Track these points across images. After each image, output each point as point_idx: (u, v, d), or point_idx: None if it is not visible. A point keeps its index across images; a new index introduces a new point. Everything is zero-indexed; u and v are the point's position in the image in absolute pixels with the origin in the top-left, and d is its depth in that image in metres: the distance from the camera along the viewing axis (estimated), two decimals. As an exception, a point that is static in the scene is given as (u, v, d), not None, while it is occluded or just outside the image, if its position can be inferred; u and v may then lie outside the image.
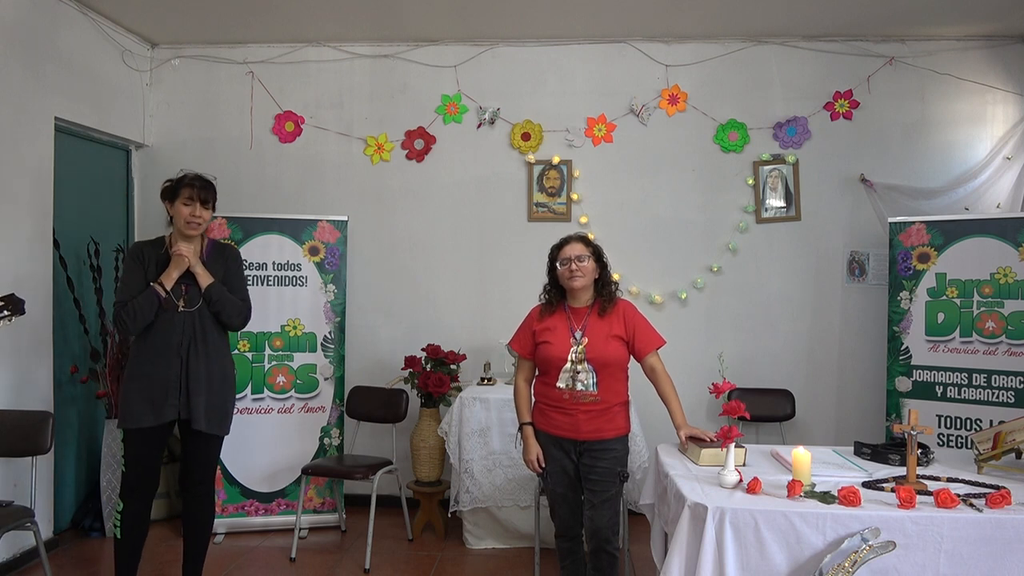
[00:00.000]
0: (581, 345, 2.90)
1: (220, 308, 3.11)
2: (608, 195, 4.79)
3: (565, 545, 3.09)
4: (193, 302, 3.08)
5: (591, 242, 3.03)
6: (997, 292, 4.05)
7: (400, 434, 4.53)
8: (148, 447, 3.08)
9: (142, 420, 3.01)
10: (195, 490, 3.21)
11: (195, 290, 3.09)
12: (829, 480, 2.52)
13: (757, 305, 4.74)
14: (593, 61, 4.81)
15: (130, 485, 3.08)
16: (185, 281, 3.08)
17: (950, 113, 4.66)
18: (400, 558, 4.02)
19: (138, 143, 4.90)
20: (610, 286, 3.03)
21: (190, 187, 3.07)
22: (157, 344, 3.04)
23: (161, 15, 4.47)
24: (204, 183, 3.11)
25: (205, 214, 3.09)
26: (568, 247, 2.98)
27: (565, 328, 2.96)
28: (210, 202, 3.11)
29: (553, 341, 2.95)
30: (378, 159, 4.91)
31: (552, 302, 3.05)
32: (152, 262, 3.09)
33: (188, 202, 3.06)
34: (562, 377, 2.91)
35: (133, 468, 3.07)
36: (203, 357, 3.08)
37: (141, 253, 3.12)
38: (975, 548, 2.17)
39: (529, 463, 3.03)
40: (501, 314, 4.72)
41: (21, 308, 2.80)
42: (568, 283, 2.95)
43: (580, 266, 2.92)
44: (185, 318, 3.06)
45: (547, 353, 2.95)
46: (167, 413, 3.03)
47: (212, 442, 3.18)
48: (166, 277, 3.04)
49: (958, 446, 4.04)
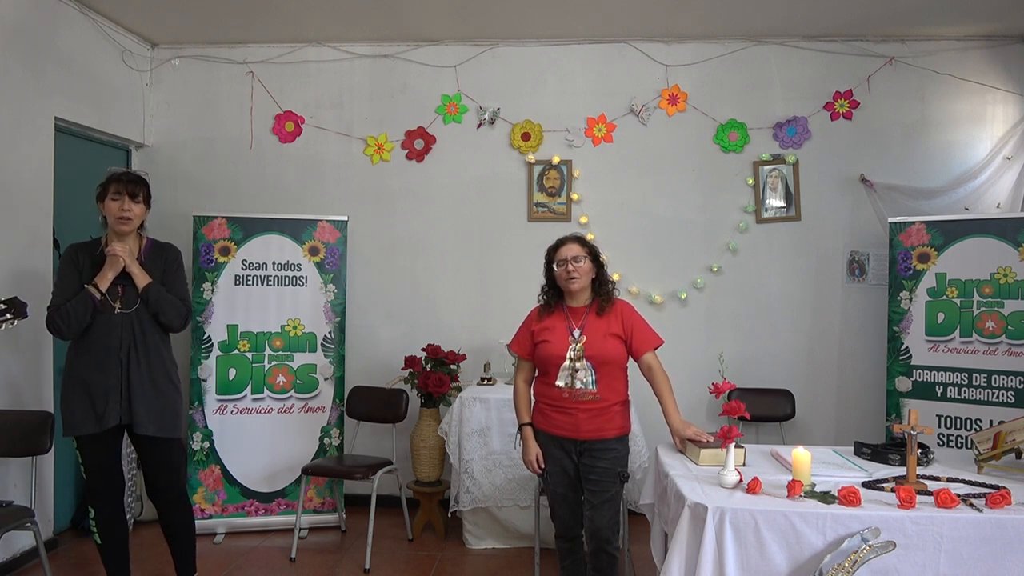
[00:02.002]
0: (579, 343, 2.91)
1: (158, 309, 3.04)
2: (608, 195, 4.79)
3: (565, 545, 3.09)
4: (130, 303, 3.02)
5: (587, 242, 3.03)
6: (997, 292, 4.04)
7: (400, 434, 4.53)
8: (103, 452, 3.04)
9: (84, 427, 2.96)
10: (164, 496, 3.16)
11: (132, 291, 3.02)
12: (829, 480, 2.52)
13: (757, 305, 4.74)
14: (593, 61, 4.81)
15: (94, 490, 3.06)
16: (122, 282, 3.02)
17: (950, 113, 4.66)
18: (400, 558, 4.02)
19: (138, 143, 4.90)
20: (607, 285, 3.03)
21: (117, 182, 3.01)
22: (95, 348, 2.98)
23: (161, 15, 4.47)
24: (132, 177, 3.04)
25: (136, 208, 3.01)
26: (564, 248, 2.98)
27: (563, 327, 2.97)
28: (139, 195, 3.03)
29: (552, 340, 2.95)
30: (378, 159, 4.91)
31: (550, 303, 3.05)
32: (87, 264, 3.03)
33: (116, 196, 2.99)
34: (561, 375, 2.91)
35: (92, 474, 3.04)
36: (143, 359, 3.02)
37: (76, 255, 3.07)
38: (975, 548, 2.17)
39: (528, 464, 3.03)
40: (501, 314, 4.72)
41: (24, 311, 2.80)
42: (566, 284, 2.96)
43: (577, 267, 2.93)
44: (123, 320, 3.00)
45: (546, 352, 2.96)
46: (109, 419, 2.97)
47: (166, 445, 3.10)
48: (101, 278, 2.98)
49: (958, 446, 4.04)
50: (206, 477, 4.29)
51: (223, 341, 4.34)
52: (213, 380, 4.31)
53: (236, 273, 4.38)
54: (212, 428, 4.30)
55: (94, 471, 3.04)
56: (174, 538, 3.23)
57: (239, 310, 4.37)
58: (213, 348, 4.32)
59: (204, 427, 4.29)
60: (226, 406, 4.33)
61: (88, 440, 3.01)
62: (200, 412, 4.29)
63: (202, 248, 4.35)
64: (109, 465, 3.08)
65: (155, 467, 3.12)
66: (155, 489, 3.15)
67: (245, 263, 4.39)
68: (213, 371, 4.31)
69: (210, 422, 4.30)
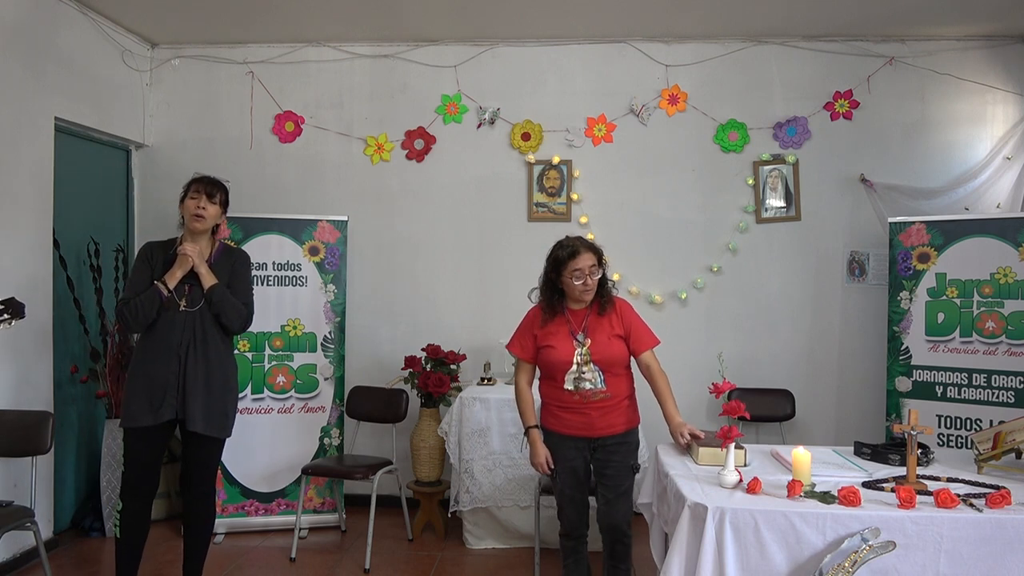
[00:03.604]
0: (584, 347, 2.91)
1: (220, 310, 3.11)
2: (608, 195, 4.79)
3: (569, 544, 3.10)
4: (195, 302, 3.09)
5: (597, 248, 2.99)
6: (997, 292, 4.04)
7: (400, 434, 4.53)
8: (148, 447, 3.08)
9: (140, 419, 3.02)
10: (194, 491, 3.21)
11: (198, 291, 3.09)
12: (829, 480, 2.52)
13: (757, 305, 4.74)
14: (593, 61, 4.81)
15: (129, 484, 3.09)
16: (189, 281, 3.09)
17: (950, 113, 4.66)
18: (400, 558, 4.02)
19: (138, 143, 4.90)
20: (607, 285, 3.03)
21: (198, 182, 3.14)
22: (158, 343, 3.05)
23: (161, 15, 4.47)
24: (212, 180, 3.17)
25: (211, 208, 3.10)
26: (580, 259, 2.90)
27: (566, 332, 2.96)
28: (216, 196, 3.13)
29: (556, 345, 2.95)
30: (378, 159, 4.91)
31: (553, 305, 3.02)
32: (159, 262, 3.12)
33: (195, 195, 3.11)
34: (568, 379, 2.92)
35: (132, 467, 3.08)
36: (202, 358, 3.08)
37: (150, 252, 3.16)
38: (975, 548, 2.17)
39: (539, 467, 3.01)
40: (501, 314, 4.71)
41: (21, 312, 2.80)
42: (580, 296, 2.94)
43: (594, 280, 2.92)
44: (186, 318, 3.07)
45: (550, 358, 2.96)
46: (165, 413, 3.02)
47: (210, 444, 3.16)
48: (170, 276, 3.06)
49: (958, 446, 4.04)
50: (206, 477, 4.29)
51: (223, 341, 4.33)
52: (213, 380, 4.31)
53: (236, 273, 4.38)
54: (212, 428, 4.30)
55: (135, 465, 3.08)
56: (193, 534, 3.25)
57: (239, 310, 4.37)
58: (213, 348, 4.31)
59: (204, 427, 4.28)
60: (226, 406, 4.32)
61: (138, 433, 3.05)
62: (200, 412, 4.28)
63: (202, 248, 4.34)
64: (151, 462, 3.12)
65: (195, 463, 3.18)
66: (188, 483, 3.20)
67: (245, 263, 4.39)
68: (213, 371, 4.31)
69: (210, 422, 4.30)
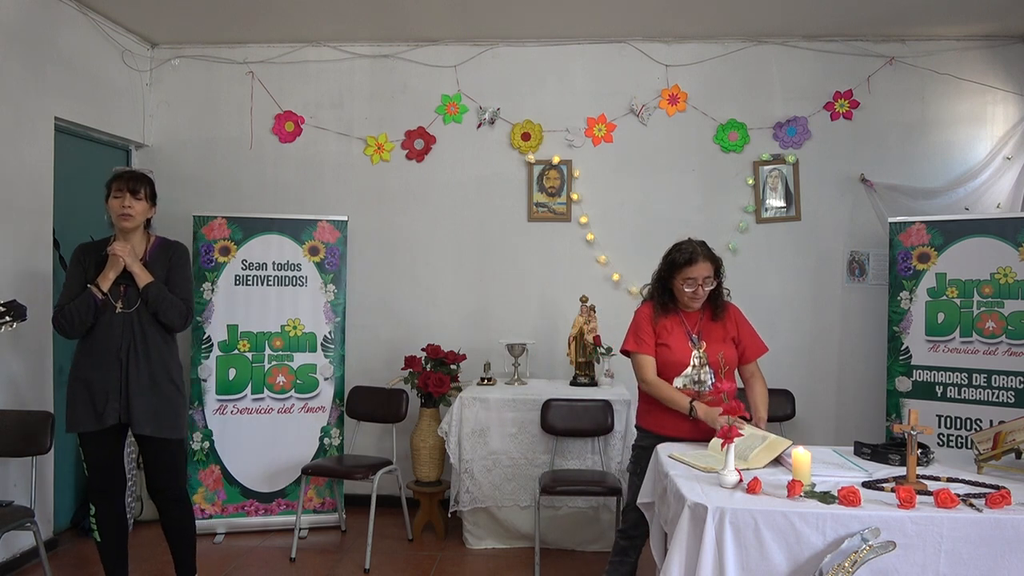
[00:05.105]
0: (700, 349, 2.97)
1: (157, 308, 3.02)
2: (608, 195, 4.79)
3: (623, 543, 3.15)
4: (131, 303, 3.01)
5: (716, 257, 2.99)
6: (997, 292, 4.04)
7: (400, 434, 4.53)
8: (104, 449, 3.05)
9: (85, 425, 2.98)
10: (166, 495, 3.16)
11: (134, 291, 3.02)
12: (829, 480, 2.51)
13: (757, 305, 4.70)
14: (593, 61, 4.81)
15: (95, 488, 3.08)
16: (124, 282, 3.02)
17: (950, 113, 4.66)
18: (400, 558, 4.02)
19: (138, 143, 4.90)
20: (722, 296, 3.06)
21: (118, 179, 3.03)
22: (97, 347, 3.00)
23: (161, 15, 4.47)
24: (134, 175, 3.06)
25: (137, 205, 3.01)
26: (695, 268, 2.91)
27: (682, 331, 3.01)
28: (141, 192, 3.03)
29: (672, 345, 2.99)
30: (378, 159, 4.91)
31: (666, 304, 3.03)
32: (92, 264, 3.04)
33: (117, 194, 3.01)
34: (681, 379, 2.97)
35: (93, 471, 3.06)
36: (144, 359, 3.02)
37: (83, 255, 3.09)
38: (975, 548, 2.17)
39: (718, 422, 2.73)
40: (501, 314, 4.72)
41: (23, 314, 2.79)
42: (687, 302, 2.98)
43: (704, 291, 2.95)
44: (124, 320, 3.00)
45: (666, 357, 2.99)
46: (108, 418, 2.98)
47: (166, 446, 3.09)
48: (102, 278, 2.99)
49: (958, 446, 4.04)
50: (206, 477, 4.29)
51: (223, 341, 4.34)
52: (213, 380, 4.31)
53: (236, 273, 4.38)
54: (212, 428, 4.30)
55: (95, 468, 3.06)
56: (173, 538, 3.22)
57: (239, 310, 4.37)
58: (213, 348, 4.32)
59: (204, 427, 4.29)
60: (226, 406, 4.33)
61: (90, 437, 3.02)
62: (200, 412, 4.29)
63: (202, 248, 4.34)
64: (110, 463, 3.09)
65: (155, 467, 3.13)
66: (154, 488, 3.16)
67: (245, 263, 4.39)
68: (213, 371, 4.31)
69: (210, 422, 4.30)
